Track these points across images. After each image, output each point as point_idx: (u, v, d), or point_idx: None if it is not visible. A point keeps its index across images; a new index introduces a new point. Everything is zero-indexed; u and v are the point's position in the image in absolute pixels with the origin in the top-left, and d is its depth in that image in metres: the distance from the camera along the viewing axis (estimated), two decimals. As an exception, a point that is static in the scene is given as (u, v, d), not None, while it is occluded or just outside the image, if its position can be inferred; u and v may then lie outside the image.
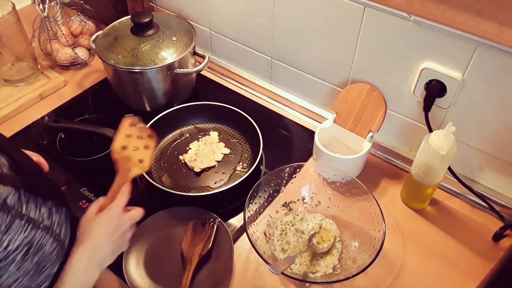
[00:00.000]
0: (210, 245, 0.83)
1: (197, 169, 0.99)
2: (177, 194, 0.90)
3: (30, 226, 0.52)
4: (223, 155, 1.02)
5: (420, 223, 0.90)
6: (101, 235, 0.64)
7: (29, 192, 0.54)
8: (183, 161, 1.01)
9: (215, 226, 0.86)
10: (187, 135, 1.07)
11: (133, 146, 0.77)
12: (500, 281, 0.68)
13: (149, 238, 0.86)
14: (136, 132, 0.79)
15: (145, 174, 0.90)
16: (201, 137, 1.06)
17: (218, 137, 1.06)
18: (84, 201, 0.93)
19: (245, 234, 0.80)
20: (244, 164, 1.00)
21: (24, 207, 0.52)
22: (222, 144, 1.04)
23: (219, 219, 0.87)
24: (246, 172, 0.93)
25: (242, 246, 0.86)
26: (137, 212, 0.71)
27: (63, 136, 1.07)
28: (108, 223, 0.65)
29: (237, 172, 0.99)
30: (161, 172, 0.99)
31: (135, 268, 0.81)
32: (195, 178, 0.98)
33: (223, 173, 0.99)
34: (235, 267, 0.83)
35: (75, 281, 0.59)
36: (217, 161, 1.01)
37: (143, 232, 0.85)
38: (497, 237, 0.85)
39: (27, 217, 0.52)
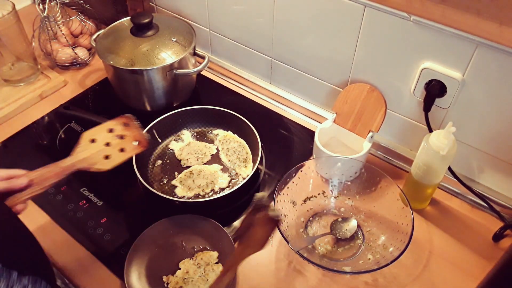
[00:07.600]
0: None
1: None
2: (170, 199, 0.88)
3: None
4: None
5: (420, 223, 0.89)
6: None
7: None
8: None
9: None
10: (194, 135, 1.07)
11: (105, 141, 0.72)
12: (500, 281, 0.68)
13: (149, 249, 0.83)
14: (121, 131, 0.74)
15: (141, 179, 0.89)
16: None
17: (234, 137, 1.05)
18: (84, 201, 0.93)
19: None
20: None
21: None
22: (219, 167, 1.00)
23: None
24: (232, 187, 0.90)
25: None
26: None
27: (63, 136, 1.07)
28: None
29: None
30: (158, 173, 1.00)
31: (137, 281, 0.78)
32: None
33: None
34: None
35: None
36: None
37: (143, 243, 0.82)
38: (497, 237, 0.85)
39: None
